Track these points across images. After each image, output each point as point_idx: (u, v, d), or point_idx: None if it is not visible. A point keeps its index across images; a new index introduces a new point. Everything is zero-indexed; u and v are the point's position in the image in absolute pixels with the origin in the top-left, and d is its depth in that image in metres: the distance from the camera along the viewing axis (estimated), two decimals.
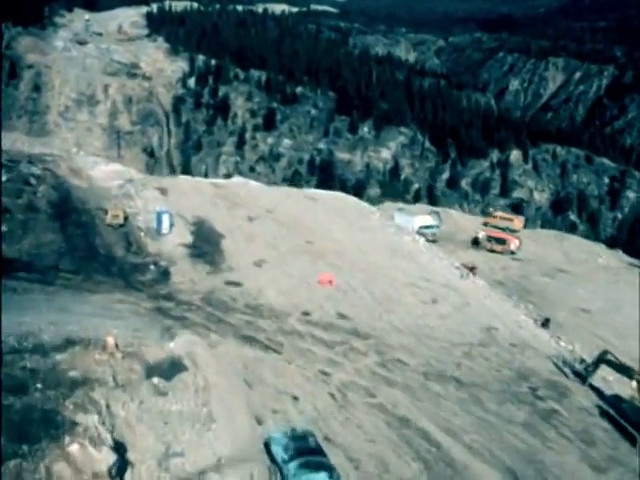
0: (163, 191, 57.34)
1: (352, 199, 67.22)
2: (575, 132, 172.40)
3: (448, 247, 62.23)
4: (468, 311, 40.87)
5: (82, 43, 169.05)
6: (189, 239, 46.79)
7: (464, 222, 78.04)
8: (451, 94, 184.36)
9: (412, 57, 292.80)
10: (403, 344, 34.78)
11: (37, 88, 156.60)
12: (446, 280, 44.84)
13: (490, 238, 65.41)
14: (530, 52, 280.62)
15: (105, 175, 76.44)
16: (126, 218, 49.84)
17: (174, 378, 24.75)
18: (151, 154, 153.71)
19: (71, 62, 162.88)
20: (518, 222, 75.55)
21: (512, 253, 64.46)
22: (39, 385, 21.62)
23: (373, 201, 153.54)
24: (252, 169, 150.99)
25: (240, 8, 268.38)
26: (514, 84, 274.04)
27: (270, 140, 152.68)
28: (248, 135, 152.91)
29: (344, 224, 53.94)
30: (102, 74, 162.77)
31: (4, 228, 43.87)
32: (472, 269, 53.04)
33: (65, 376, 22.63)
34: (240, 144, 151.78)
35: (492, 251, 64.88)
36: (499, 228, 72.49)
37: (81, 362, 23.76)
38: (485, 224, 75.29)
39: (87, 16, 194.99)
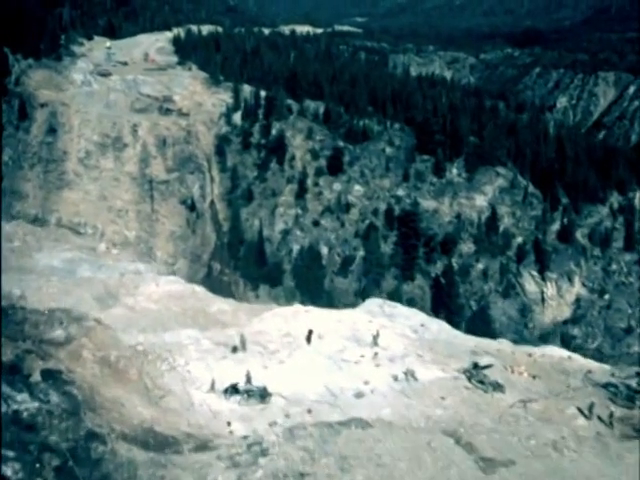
0: None
1: None
2: None
3: None
4: None
5: (104, 75, 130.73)
6: None
7: None
8: (539, 120, 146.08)
9: (448, 75, 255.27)
10: None
11: (52, 130, 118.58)
12: None
13: None
14: (576, 67, 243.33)
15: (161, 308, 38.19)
16: None
17: None
18: (191, 207, 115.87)
19: (92, 98, 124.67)
20: None
21: None
22: None
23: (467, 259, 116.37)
24: (316, 223, 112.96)
25: (266, 31, 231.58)
26: (562, 101, 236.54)
27: (337, 187, 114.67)
28: (310, 181, 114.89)
29: None
30: (129, 111, 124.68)
31: None
32: None
33: None
34: (300, 192, 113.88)
35: None
36: None
37: None
38: None
39: (108, 43, 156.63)
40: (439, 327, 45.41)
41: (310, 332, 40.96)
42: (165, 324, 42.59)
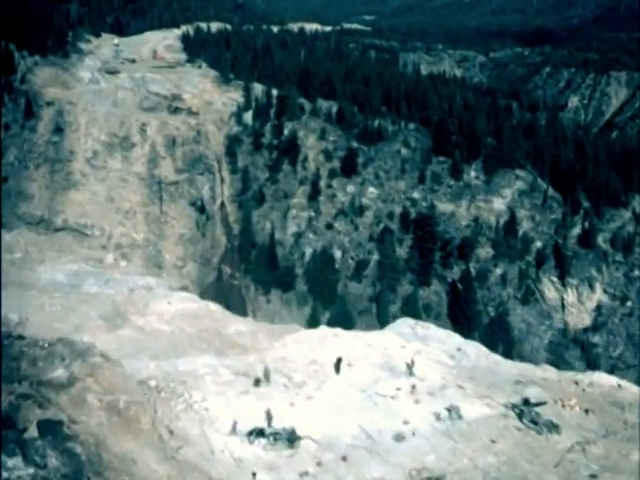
0: None
1: None
2: None
3: None
4: None
5: (112, 72, 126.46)
6: None
7: None
8: (556, 121, 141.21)
9: (458, 74, 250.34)
10: None
11: (59, 130, 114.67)
12: None
13: None
14: (588, 66, 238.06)
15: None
16: None
17: None
18: (201, 209, 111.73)
19: (100, 96, 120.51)
20: None
21: None
22: None
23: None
24: (329, 226, 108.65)
25: (275, 28, 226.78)
26: (573, 101, 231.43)
27: (351, 189, 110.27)
28: (323, 183, 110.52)
29: None
30: (138, 110, 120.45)
31: None
32: None
33: None
34: (313, 195, 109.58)
35: None
36: None
37: None
38: None
39: (116, 40, 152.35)
40: (477, 352, 41.01)
41: (339, 360, 36.61)
42: (178, 349, 38.29)
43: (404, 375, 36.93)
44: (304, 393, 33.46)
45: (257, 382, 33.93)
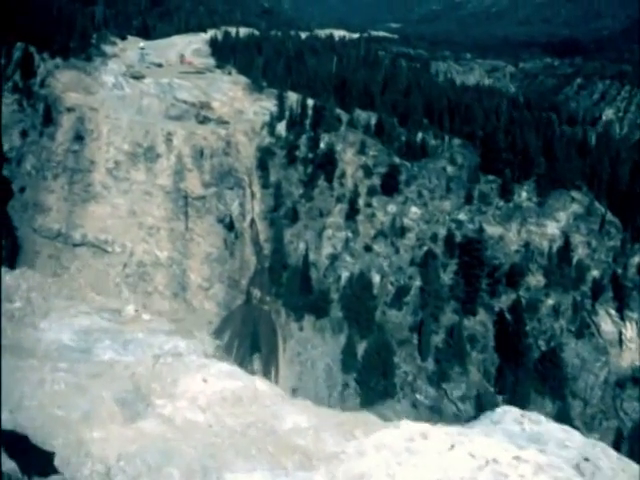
0: None
1: None
2: None
3: None
4: None
5: (137, 77, 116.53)
6: None
7: None
8: (610, 138, 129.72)
9: (489, 84, 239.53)
10: None
11: (79, 137, 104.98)
12: None
13: None
14: (623, 78, 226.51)
15: None
16: None
17: None
18: (230, 226, 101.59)
19: (123, 102, 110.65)
20: None
21: None
22: None
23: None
24: (368, 248, 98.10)
25: (303, 35, 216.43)
26: (608, 114, 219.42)
27: (392, 208, 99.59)
28: (361, 201, 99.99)
29: None
30: (163, 118, 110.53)
31: None
32: None
33: None
34: (351, 213, 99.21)
35: None
36: None
37: None
38: None
39: (142, 43, 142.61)
40: (609, 461, 29.29)
41: None
42: (219, 457, 26.75)
43: None
44: None
45: None
